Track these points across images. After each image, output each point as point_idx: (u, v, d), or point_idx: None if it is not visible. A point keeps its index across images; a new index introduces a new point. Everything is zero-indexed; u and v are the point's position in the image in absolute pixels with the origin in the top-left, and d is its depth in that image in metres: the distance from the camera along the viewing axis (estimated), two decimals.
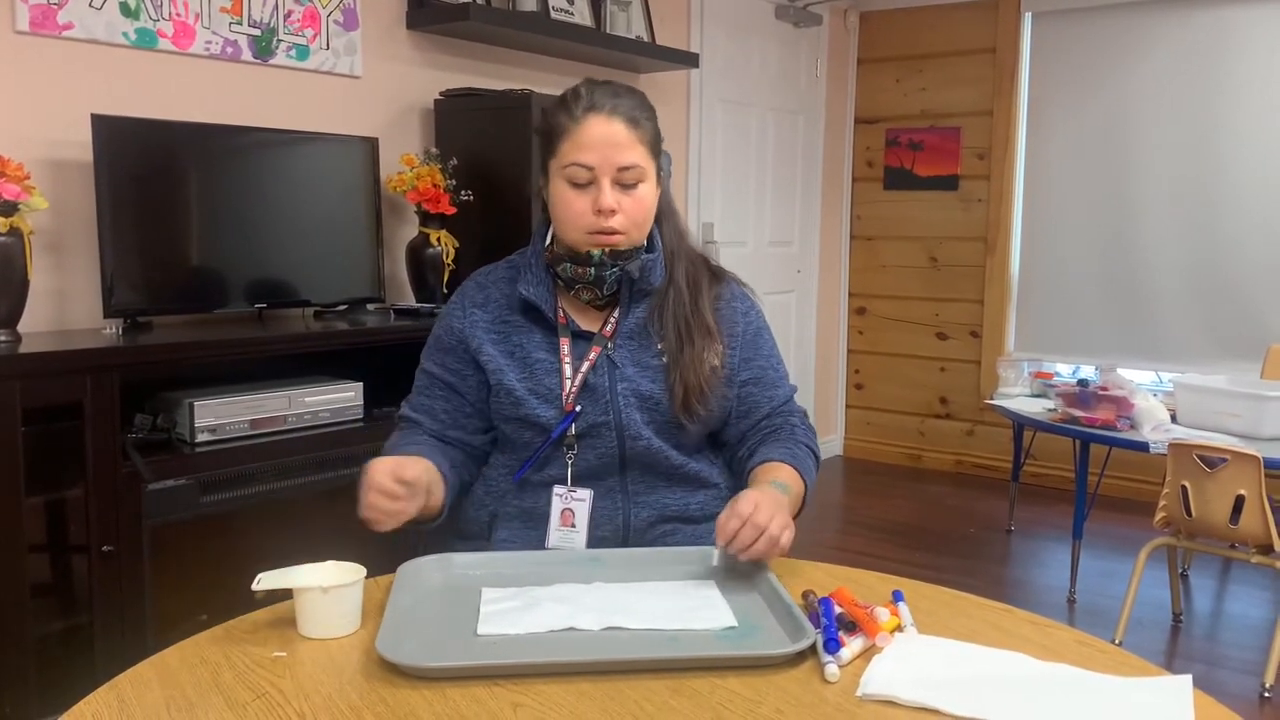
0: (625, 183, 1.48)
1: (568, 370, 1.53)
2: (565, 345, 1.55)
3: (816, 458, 1.60)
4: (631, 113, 1.49)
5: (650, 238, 1.58)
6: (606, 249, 1.50)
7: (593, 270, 1.51)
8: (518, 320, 1.57)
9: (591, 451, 1.52)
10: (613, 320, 1.56)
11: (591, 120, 1.47)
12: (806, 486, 1.53)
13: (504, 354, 1.55)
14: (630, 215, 1.49)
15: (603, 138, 1.47)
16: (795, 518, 1.49)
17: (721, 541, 1.30)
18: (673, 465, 1.55)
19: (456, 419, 1.59)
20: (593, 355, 1.54)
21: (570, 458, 1.52)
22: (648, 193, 1.52)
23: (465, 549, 1.44)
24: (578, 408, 1.52)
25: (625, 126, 1.48)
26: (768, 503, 1.33)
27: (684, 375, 1.53)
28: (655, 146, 1.54)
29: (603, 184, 1.47)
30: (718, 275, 1.66)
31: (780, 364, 1.66)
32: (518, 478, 1.54)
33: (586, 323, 1.57)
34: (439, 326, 1.63)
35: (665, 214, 1.61)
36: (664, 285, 1.58)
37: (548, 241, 1.58)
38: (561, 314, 1.56)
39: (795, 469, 1.51)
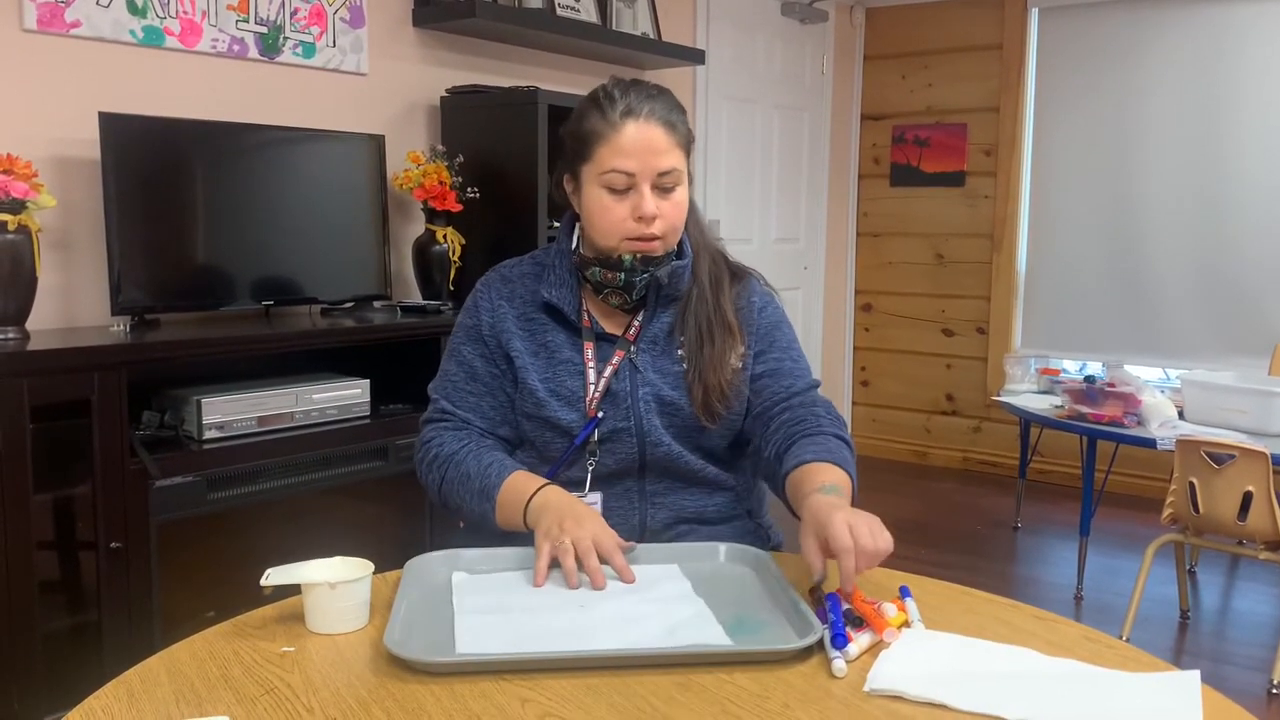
0: (664, 186, 1.46)
1: (591, 375, 1.52)
2: (589, 349, 1.53)
3: (850, 447, 1.49)
4: (667, 115, 1.47)
5: (680, 242, 1.55)
6: (638, 254, 1.48)
7: (623, 275, 1.49)
8: (542, 319, 1.55)
9: (611, 456, 1.51)
10: (636, 324, 1.55)
11: (630, 125, 1.45)
12: (851, 479, 1.42)
13: (530, 351, 1.54)
14: (669, 220, 1.48)
15: (642, 143, 1.44)
16: None
17: (848, 587, 1.21)
18: (692, 469, 1.54)
19: (505, 415, 1.57)
20: (616, 360, 1.52)
21: (591, 464, 1.51)
22: (684, 196, 1.50)
23: (479, 544, 1.43)
24: (600, 414, 1.50)
25: (663, 130, 1.46)
26: (850, 518, 1.24)
27: (704, 375, 1.51)
28: (689, 147, 1.52)
29: (643, 190, 1.45)
30: (739, 274, 1.63)
31: (800, 357, 1.61)
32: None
33: (611, 326, 1.55)
34: (468, 318, 1.59)
35: (689, 210, 1.59)
36: (689, 287, 1.56)
37: (574, 244, 1.56)
38: (586, 316, 1.55)
39: (836, 465, 1.41)
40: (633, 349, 1.53)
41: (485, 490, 1.45)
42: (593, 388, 1.51)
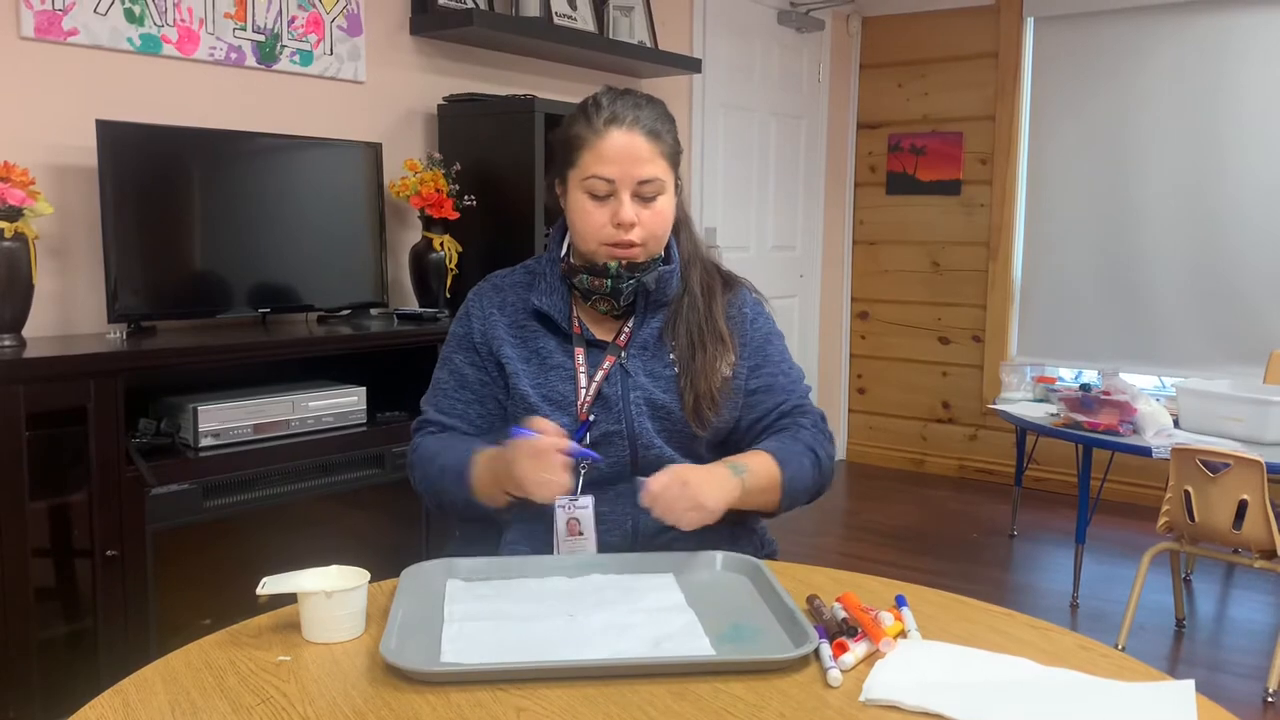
0: (644, 195, 1.48)
1: (582, 380, 1.53)
2: (580, 355, 1.55)
3: (818, 457, 1.55)
4: (653, 125, 1.49)
5: (668, 248, 1.57)
6: (623, 261, 1.50)
7: (609, 282, 1.51)
8: (534, 326, 1.57)
9: (605, 464, 1.52)
10: (627, 330, 1.57)
11: (612, 133, 1.47)
12: (785, 478, 1.49)
13: (521, 358, 1.56)
14: (649, 228, 1.49)
15: (623, 150, 1.46)
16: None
17: (646, 500, 1.35)
18: None
19: (491, 422, 1.58)
20: (607, 365, 1.54)
21: (584, 466, 1.52)
22: (666, 205, 1.52)
23: (472, 552, 1.44)
24: (591, 418, 1.52)
25: (646, 139, 1.48)
26: (697, 474, 1.39)
27: (695, 382, 1.53)
28: (675, 158, 1.53)
29: (622, 197, 1.47)
30: (730, 283, 1.65)
31: (791, 368, 1.65)
32: None
33: (601, 332, 1.57)
34: (459, 327, 1.61)
35: (681, 222, 1.60)
36: (679, 294, 1.58)
37: (564, 251, 1.58)
38: (576, 323, 1.56)
39: (774, 458, 1.49)
40: (624, 354, 1.55)
41: (460, 473, 1.47)
42: (584, 392, 1.52)
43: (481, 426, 1.58)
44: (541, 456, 1.34)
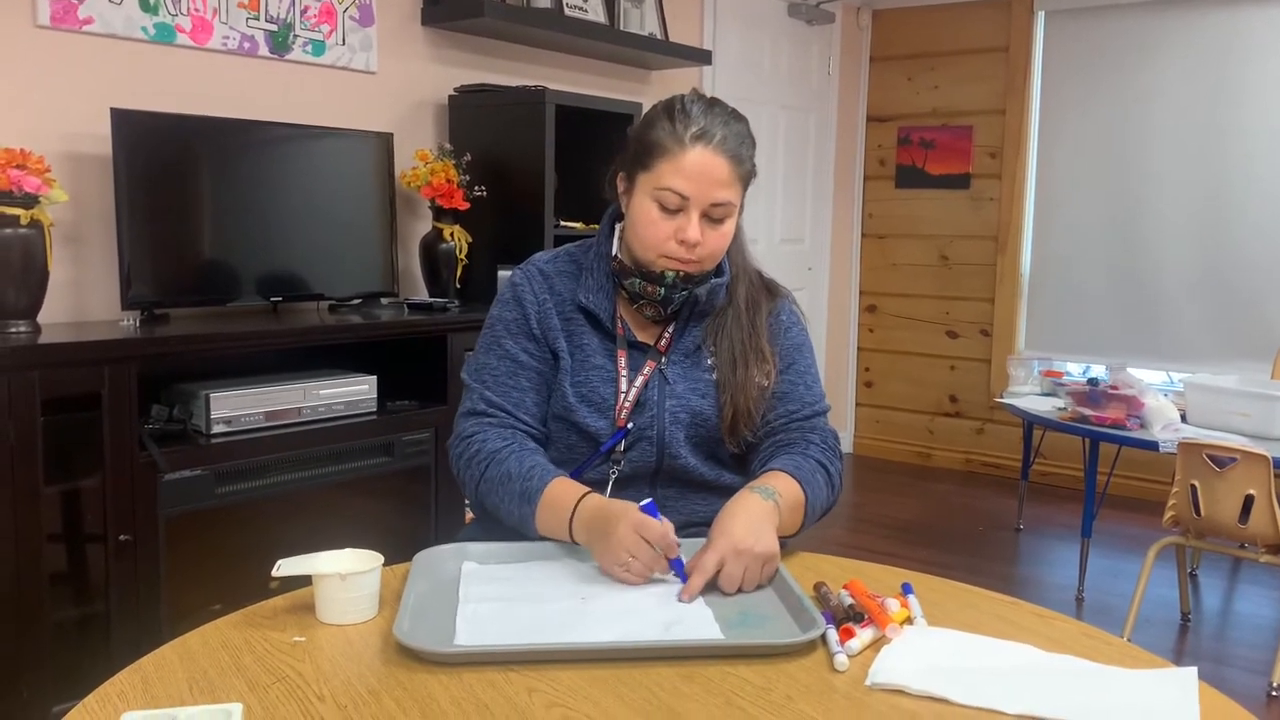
0: (714, 216, 1.46)
1: (623, 384, 1.52)
2: (623, 358, 1.53)
3: (829, 474, 1.51)
4: (737, 148, 1.45)
5: (720, 261, 1.55)
6: (680, 272, 1.48)
7: (663, 290, 1.49)
8: (579, 320, 1.54)
9: (629, 464, 1.52)
10: (667, 335, 1.55)
11: (698, 149, 1.42)
12: (808, 498, 1.44)
13: (566, 351, 1.53)
14: (711, 248, 1.47)
15: (704, 170, 1.42)
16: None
17: (700, 585, 1.26)
18: (705, 480, 1.55)
19: (543, 416, 1.54)
20: (647, 370, 1.53)
21: (614, 471, 1.52)
22: (731, 227, 1.50)
23: (486, 537, 1.44)
24: (629, 425, 1.51)
25: (728, 162, 1.44)
26: (740, 525, 1.30)
27: (735, 399, 1.51)
28: (748, 181, 1.51)
29: (692, 215, 1.44)
30: (773, 292, 1.63)
31: (814, 382, 1.61)
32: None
33: (642, 335, 1.56)
34: (508, 311, 1.55)
35: (734, 234, 1.57)
36: (723, 304, 1.56)
37: (614, 249, 1.55)
38: (619, 324, 1.55)
39: (795, 479, 1.44)
40: (664, 360, 1.54)
41: (526, 493, 1.41)
42: (624, 396, 1.51)
43: (538, 415, 1.53)
44: (643, 555, 1.27)
